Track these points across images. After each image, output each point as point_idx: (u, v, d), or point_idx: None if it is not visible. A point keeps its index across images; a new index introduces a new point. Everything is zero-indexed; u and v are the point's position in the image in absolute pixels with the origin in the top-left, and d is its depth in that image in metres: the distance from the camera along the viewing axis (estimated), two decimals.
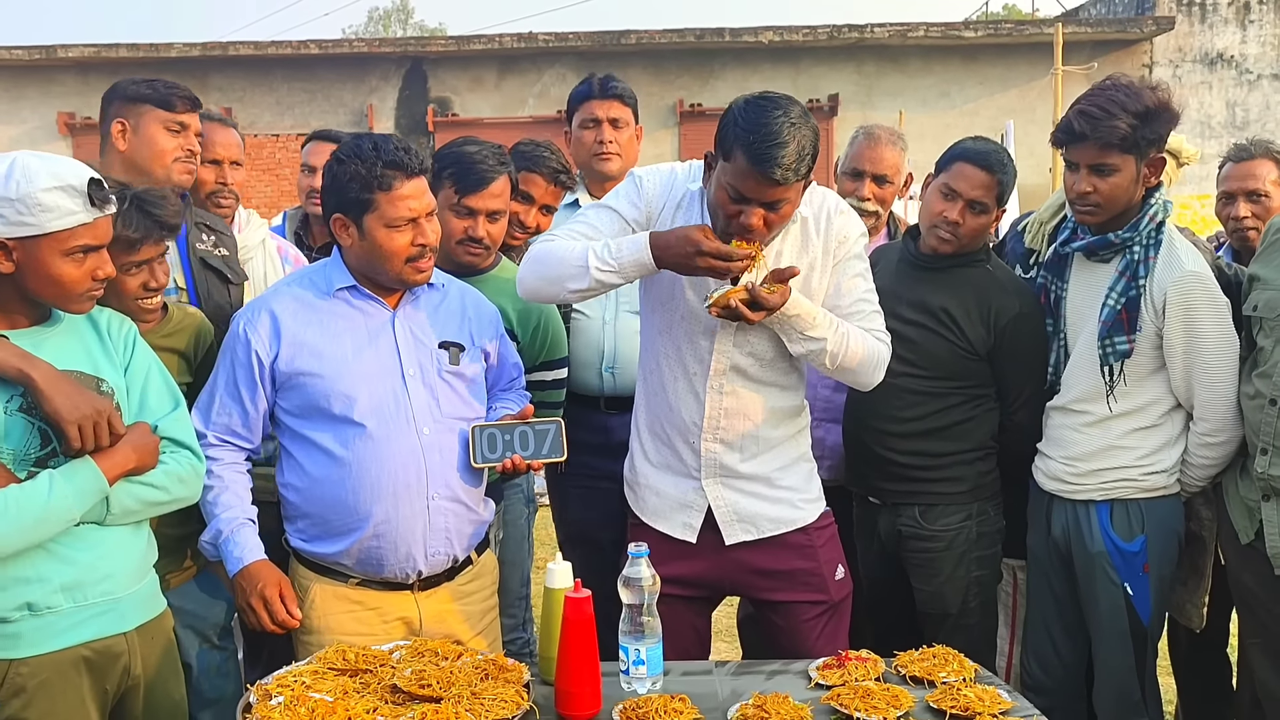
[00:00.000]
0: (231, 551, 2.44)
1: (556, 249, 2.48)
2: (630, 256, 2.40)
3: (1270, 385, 2.57)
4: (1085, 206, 2.71)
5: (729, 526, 2.62)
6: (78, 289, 2.13)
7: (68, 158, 2.13)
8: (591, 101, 3.42)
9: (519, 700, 2.09)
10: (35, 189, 2.03)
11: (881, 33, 16.32)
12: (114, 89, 2.96)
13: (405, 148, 2.44)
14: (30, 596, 2.08)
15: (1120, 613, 2.77)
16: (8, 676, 2.06)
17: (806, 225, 2.53)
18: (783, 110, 2.31)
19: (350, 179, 2.42)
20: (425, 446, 2.48)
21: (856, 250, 2.57)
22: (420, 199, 2.45)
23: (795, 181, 2.32)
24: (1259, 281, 2.68)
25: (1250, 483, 2.66)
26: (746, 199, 2.33)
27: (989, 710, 2.09)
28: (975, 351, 2.86)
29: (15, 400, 2.08)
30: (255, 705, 2.06)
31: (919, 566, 2.93)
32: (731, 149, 2.32)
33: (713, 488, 2.62)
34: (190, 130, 2.91)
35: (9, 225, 2.04)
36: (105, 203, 2.12)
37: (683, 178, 2.57)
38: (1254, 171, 3.38)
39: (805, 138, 2.31)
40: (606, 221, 2.54)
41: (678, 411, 2.60)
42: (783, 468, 2.64)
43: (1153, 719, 2.83)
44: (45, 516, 2.05)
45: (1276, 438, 2.56)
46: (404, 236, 2.44)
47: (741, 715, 2.09)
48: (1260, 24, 17.13)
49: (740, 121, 2.32)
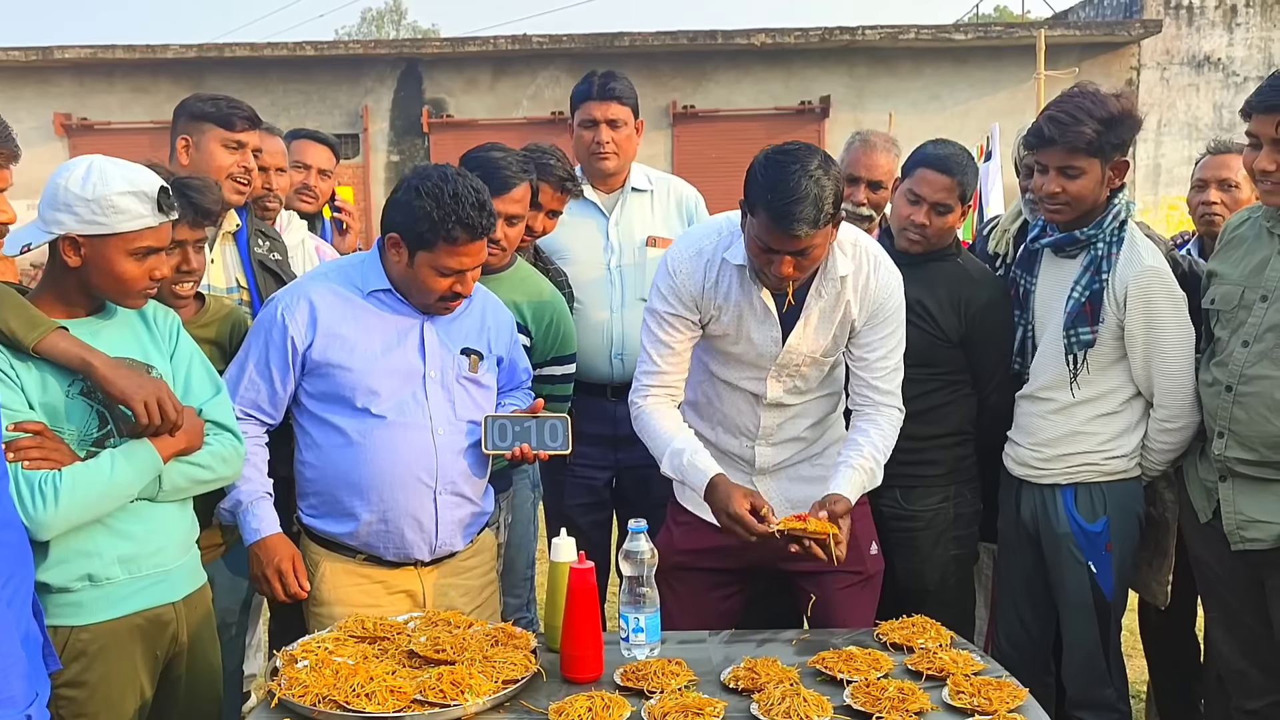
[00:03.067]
0: (249, 523, 2.57)
1: (649, 428, 2.71)
2: (691, 481, 2.63)
3: (1226, 373, 2.69)
4: (1054, 206, 2.85)
5: (781, 510, 2.69)
6: (136, 286, 2.27)
7: (137, 164, 2.28)
8: (590, 103, 3.51)
9: (527, 663, 2.24)
10: (110, 192, 2.17)
11: (873, 35, 16.42)
12: (183, 105, 3.13)
13: (481, 205, 2.51)
14: (90, 568, 2.22)
15: (1085, 590, 2.91)
16: (70, 642, 2.20)
17: (845, 284, 2.65)
18: (800, 164, 2.40)
19: (423, 215, 2.48)
20: (439, 445, 2.59)
21: (894, 309, 2.71)
22: (474, 258, 2.54)
23: (817, 231, 2.42)
24: (1216, 277, 2.80)
25: (1209, 465, 2.78)
26: (774, 249, 2.46)
27: (962, 671, 2.24)
28: (949, 339, 3.01)
29: (77, 385, 2.22)
30: (282, 668, 2.21)
31: (899, 545, 3.07)
32: (755, 206, 2.45)
33: (763, 482, 2.79)
34: (247, 148, 3.06)
35: (82, 223, 2.18)
36: (171, 209, 2.27)
37: (710, 253, 2.67)
38: (1229, 163, 3.50)
39: (825, 188, 2.40)
40: (675, 334, 2.70)
41: (733, 419, 2.78)
42: (826, 449, 2.84)
43: (1116, 688, 2.98)
44: (108, 492, 2.19)
45: (1232, 422, 2.68)
46: (446, 282, 2.55)
47: (734, 677, 2.23)
48: (1247, 27, 17.26)
49: (761, 180, 2.43)
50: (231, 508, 2.60)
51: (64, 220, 2.18)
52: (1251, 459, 2.67)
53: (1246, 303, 2.69)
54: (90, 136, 16.20)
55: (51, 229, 2.19)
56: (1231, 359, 2.69)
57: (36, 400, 2.18)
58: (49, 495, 2.10)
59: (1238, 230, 2.82)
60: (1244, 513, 2.70)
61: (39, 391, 2.18)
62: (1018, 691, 2.14)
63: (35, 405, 2.17)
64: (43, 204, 2.21)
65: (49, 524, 2.11)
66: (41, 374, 2.18)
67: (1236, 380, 2.67)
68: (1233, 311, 2.71)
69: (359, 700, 2.06)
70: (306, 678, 2.13)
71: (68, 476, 2.13)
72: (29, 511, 2.08)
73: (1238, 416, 2.66)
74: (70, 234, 2.18)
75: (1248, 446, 2.67)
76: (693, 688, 2.19)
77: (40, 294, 2.28)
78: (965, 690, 2.14)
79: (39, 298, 2.27)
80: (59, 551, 2.18)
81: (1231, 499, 2.72)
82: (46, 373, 2.19)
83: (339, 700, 2.06)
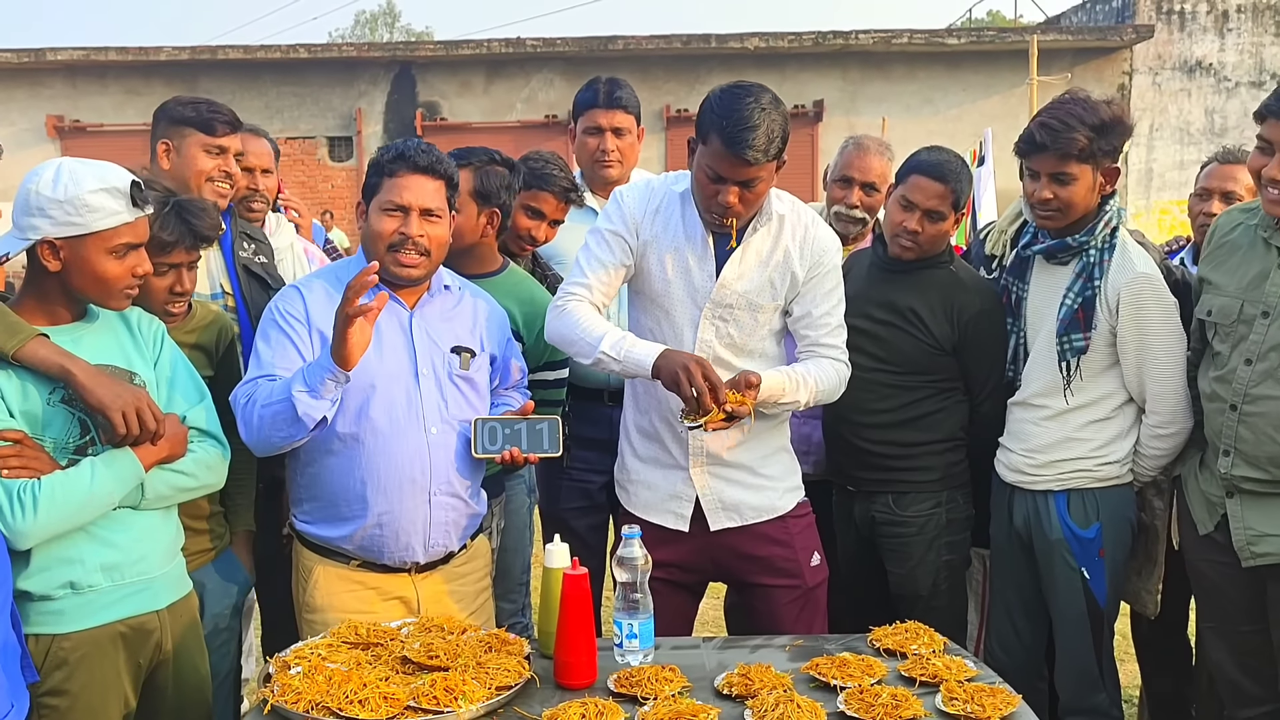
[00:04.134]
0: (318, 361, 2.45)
1: (580, 321, 2.67)
2: (635, 359, 2.60)
3: (1230, 391, 2.65)
4: (1045, 212, 2.85)
5: (714, 514, 2.78)
6: (118, 285, 2.26)
7: (105, 162, 2.27)
8: (596, 110, 3.52)
9: (521, 670, 2.23)
10: (83, 191, 2.16)
11: (866, 39, 16.49)
12: (162, 109, 3.10)
13: (426, 149, 2.59)
14: (72, 576, 2.21)
15: (1078, 596, 2.92)
16: (51, 650, 2.19)
17: (783, 222, 2.73)
18: (754, 97, 2.52)
19: (371, 168, 2.61)
20: (431, 444, 2.58)
21: (832, 264, 2.78)
22: (415, 191, 2.56)
23: (766, 162, 2.54)
24: (1210, 285, 2.76)
25: (1210, 477, 2.76)
26: (723, 178, 2.55)
27: (955, 677, 2.23)
28: (941, 346, 3.01)
29: (57, 393, 2.21)
30: (275, 675, 2.20)
31: (892, 551, 3.08)
32: (708, 133, 2.55)
33: (699, 477, 2.78)
34: (229, 153, 3.04)
35: (57, 226, 2.17)
36: (145, 203, 2.26)
37: (659, 186, 2.78)
38: (1234, 175, 3.48)
39: (775, 122, 2.53)
40: (608, 250, 2.74)
41: (666, 401, 2.74)
42: (764, 457, 2.81)
43: (1109, 694, 2.97)
44: (88, 501, 2.18)
45: (1238, 441, 2.64)
46: (393, 224, 2.55)
47: (727, 683, 2.22)
48: (1238, 33, 17.37)
49: (715, 108, 2.54)
50: (295, 387, 2.41)
51: (39, 225, 2.17)
52: (1261, 477, 2.65)
53: (1246, 317, 2.66)
54: (83, 139, 16.19)
55: (28, 235, 2.18)
56: (1235, 377, 2.65)
57: (17, 408, 2.17)
58: (28, 504, 2.09)
59: (1229, 236, 2.79)
60: (1254, 528, 2.68)
61: (19, 399, 2.17)
62: (1011, 698, 2.14)
63: (15, 413, 2.16)
64: (16, 211, 2.20)
65: (27, 533, 2.10)
66: (22, 382, 2.17)
67: (1241, 399, 2.65)
68: (1232, 326, 2.69)
69: (352, 707, 2.04)
70: (299, 684, 2.11)
71: (47, 485, 2.12)
72: (7, 520, 2.08)
73: (1244, 436, 2.65)
74: (47, 238, 2.17)
75: (1256, 465, 2.65)
76: (686, 694, 2.18)
77: (21, 301, 2.27)
78: (959, 697, 2.13)
79: (20, 305, 2.25)
80: (40, 559, 2.17)
81: (1240, 515, 2.70)
82: (27, 380, 2.18)
83: (332, 707, 2.04)
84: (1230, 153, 3.59)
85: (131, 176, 2.24)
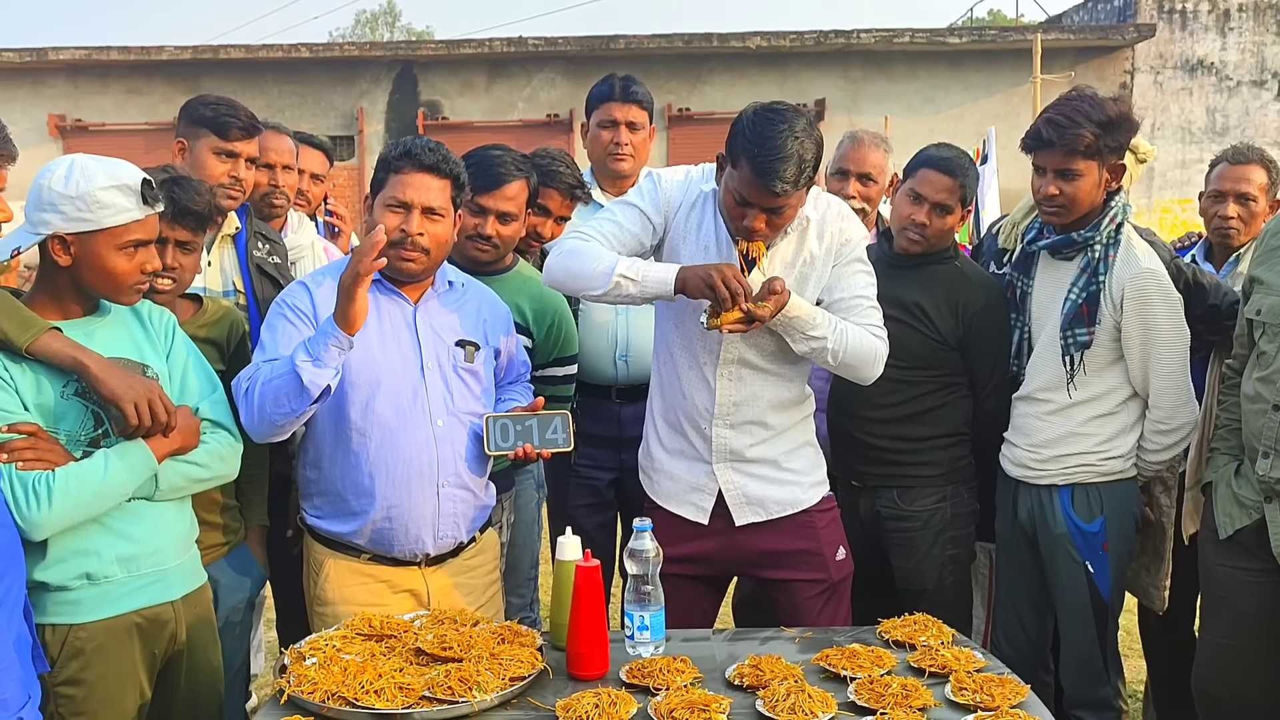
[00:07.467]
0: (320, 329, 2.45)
1: (589, 250, 2.59)
2: (655, 276, 2.53)
3: (1273, 390, 2.59)
4: (1051, 208, 2.88)
5: (739, 509, 2.76)
6: (128, 281, 2.28)
7: (118, 159, 2.28)
8: (611, 104, 3.54)
9: (534, 661, 2.25)
10: (94, 187, 2.18)
11: (867, 38, 16.48)
12: (186, 107, 3.09)
13: (433, 147, 2.59)
14: (89, 567, 2.23)
15: (1082, 589, 2.94)
16: (68, 640, 2.21)
17: (810, 227, 2.69)
18: (787, 124, 2.45)
19: (379, 164, 2.62)
20: (438, 437, 2.60)
21: (858, 253, 2.74)
22: (419, 189, 2.55)
23: (795, 192, 2.48)
24: (1261, 285, 2.69)
25: (1246, 483, 2.69)
26: (750, 204, 2.50)
27: (964, 668, 2.26)
28: (946, 342, 3.03)
29: (71, 385, 2.23)
30: (290, 666, 2.22)
31: (897, 545, 3.10)
32: (738, 157, 2.49)
33: (723, 472, 2.77)
34: (239, 158, 3.03)
35: (68, 221, 2.19)
36: (155, 201, 2.28)
37: (697, 179, 2.73)
38: (1247, 175, 3.51)
39: (807, 150, 2.46)
40: (631, 219, 2.68)
41: (690, 399, 2.75)
42: (789, 451, 2.80)
43: (1113, 686, 3.00)
44: (102, 492, 2.20)
45: (1278, 442, 2.59)
46: (394, 219, 2.56)
47: (738, 674, 2.24)
48: (1240, 31, 17.36)
49: (747, 133, 2.47)
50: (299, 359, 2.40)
51: (50, 220, 2.19)
52: None
53: None
54: (85, 138, 16.21)
55: (39, 230, 2.20)
56: (1278, 375, 2.59)
57: (31, 401, 2.19)
58: (42, 496, 2.11)
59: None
60: None
61: (34, 392, 2.19)
62: (1019, 688, 2.16)
63: (30, 406, 2.18)
64: (28, 206, 2.22)
65: (42, 524, 2.13)
66: (36, 375, 2.19)
67: None
68: (1279, 325, 2.61)
69: (368, 697, 2.06)
70: (315, 675, 2.14)
71: (61, 477, 2.14)
72: (22, 512, 2.10)
73: None
74: (58, 233, 2.19)
75: None
76: (698, 685, 2.21)
77: (34, 296, 2.29)
78: (968, 687, 2.16)
79: (33, 300, 2.28)
80: (57, 550, 2.20)
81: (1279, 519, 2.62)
82: (41, 374, 2.20)
83: (348, 697, 2.07)
84: (1240, 152, 3.61)
85: (142, 174, 2.26)
